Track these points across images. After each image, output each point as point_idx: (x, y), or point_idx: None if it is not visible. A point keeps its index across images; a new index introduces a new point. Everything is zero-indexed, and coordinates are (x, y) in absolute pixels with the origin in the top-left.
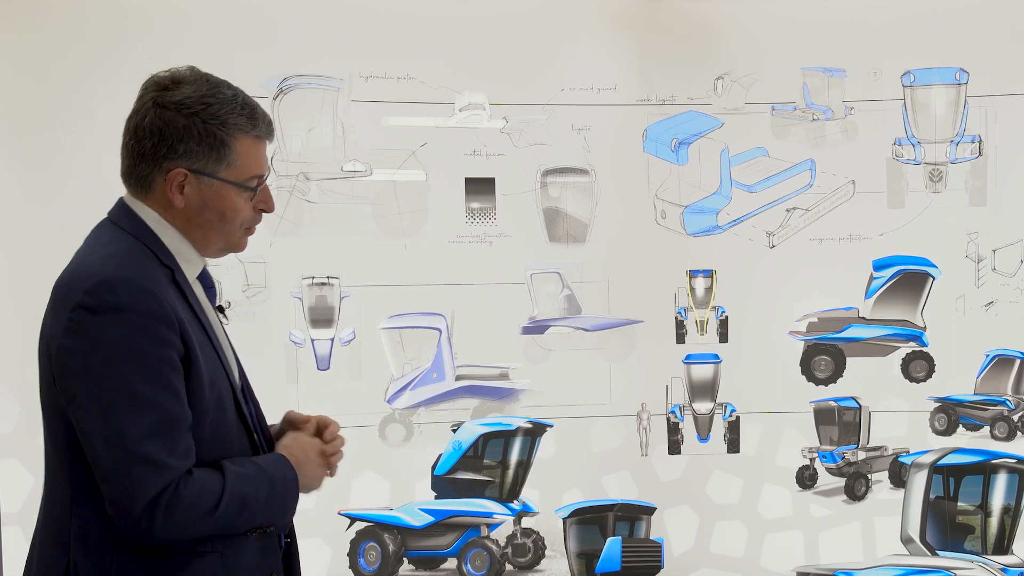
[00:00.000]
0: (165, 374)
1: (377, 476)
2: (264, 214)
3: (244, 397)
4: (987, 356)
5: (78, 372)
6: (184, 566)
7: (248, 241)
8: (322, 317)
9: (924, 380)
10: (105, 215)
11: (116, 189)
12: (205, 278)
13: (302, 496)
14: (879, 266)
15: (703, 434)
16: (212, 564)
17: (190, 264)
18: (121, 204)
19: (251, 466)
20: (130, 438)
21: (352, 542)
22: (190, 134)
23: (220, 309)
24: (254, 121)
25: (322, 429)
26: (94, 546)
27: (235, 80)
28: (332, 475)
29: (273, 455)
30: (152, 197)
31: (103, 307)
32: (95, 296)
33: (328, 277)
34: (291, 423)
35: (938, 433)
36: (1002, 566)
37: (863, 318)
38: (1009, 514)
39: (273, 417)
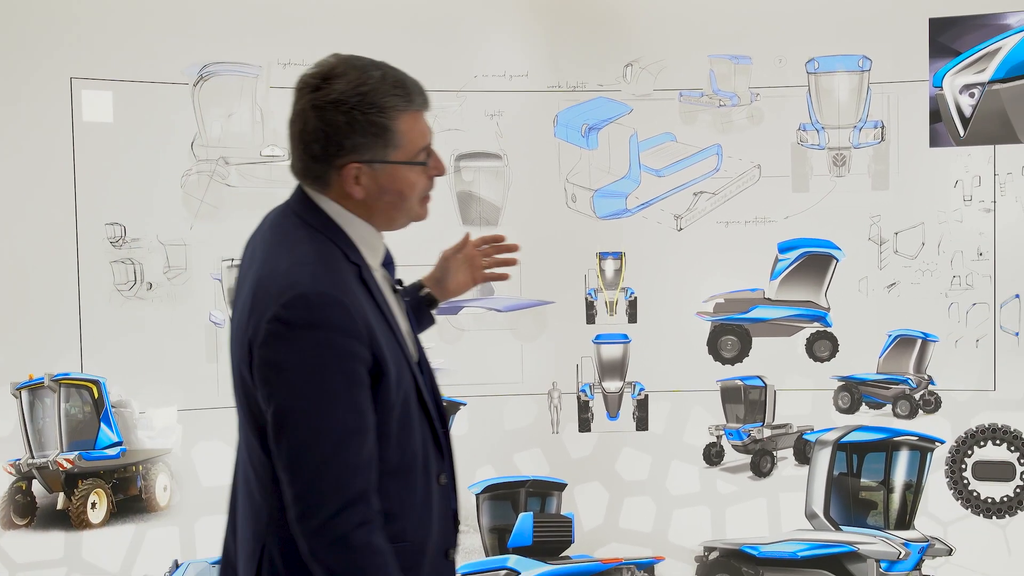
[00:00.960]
0: (353, 391)
1: None
2: (435, 179)
3: (421, 373)
4: (889, 336)
5: (274, 382)
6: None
7: (429, 208)
8: None
9: (828, 359)
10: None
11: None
12: (385, 256)
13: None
14: (784, 248)
15: (612, 412)
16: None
17: (374, 252)
18: (302, 195)
19: None
20: (315, 451)
21: None
22: (353, 129)
23: (399, 282)
24: (408, 97)
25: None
26: (288, 532)
27: (156, 67)
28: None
29: None
30: (331, 191)
31: (299, 323)
32: (292, 311)
33: None
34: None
35: (841, 411)
36: (904, 541)
37: (768, 299)
38: (911, 490)
39: None
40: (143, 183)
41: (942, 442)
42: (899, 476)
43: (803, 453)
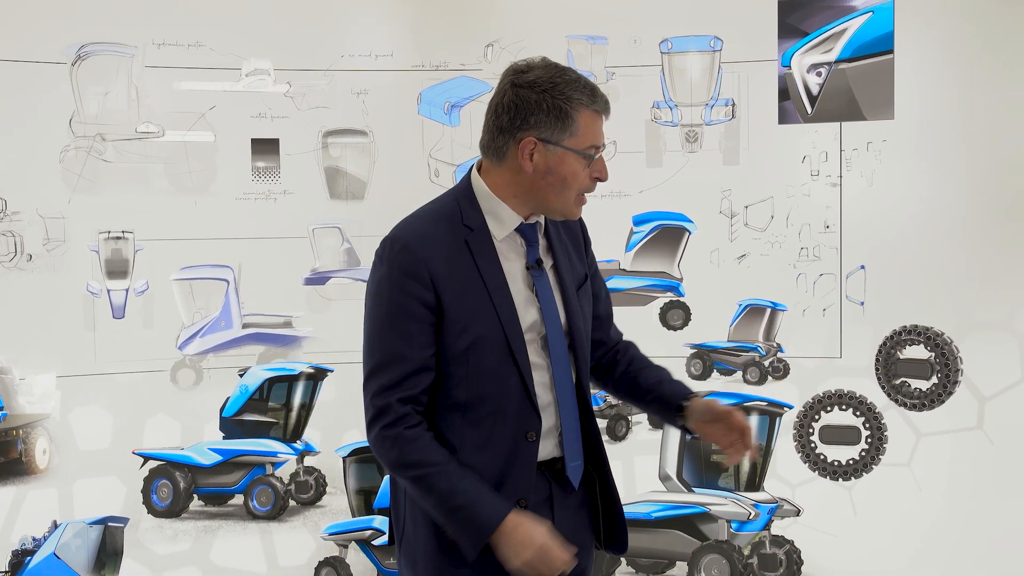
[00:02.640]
0: (401, 320)
1: (168, 418)
2: (597, 182)
3: (555, 339)
4: (740, 306)
5: (365, 302)
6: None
7: (581, 210)
8: (117, 269)
9: (680, 328)
10: None
11: None
12: (530, 234)
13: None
14: (639, 221)
15: None
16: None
17: (500, 223)
18: (470, 169)
19: (469, 486)
20: (368, 367)
21: (145, 480)
22: (540, 108)
23: (538, 263)
24: (594, 98)
25: None
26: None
27: (36, 46)
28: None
29: (499, 503)
30: (504, 164)
31: (378, 258)
32: (380, 249)
33: (123, 231)
34: (709, 408)
35: (694, 378)
36: (754, 502)
37: (624, 270)
38: (760, 453)
39: None
40: (23, 158)
41: (790, 407)
42: None
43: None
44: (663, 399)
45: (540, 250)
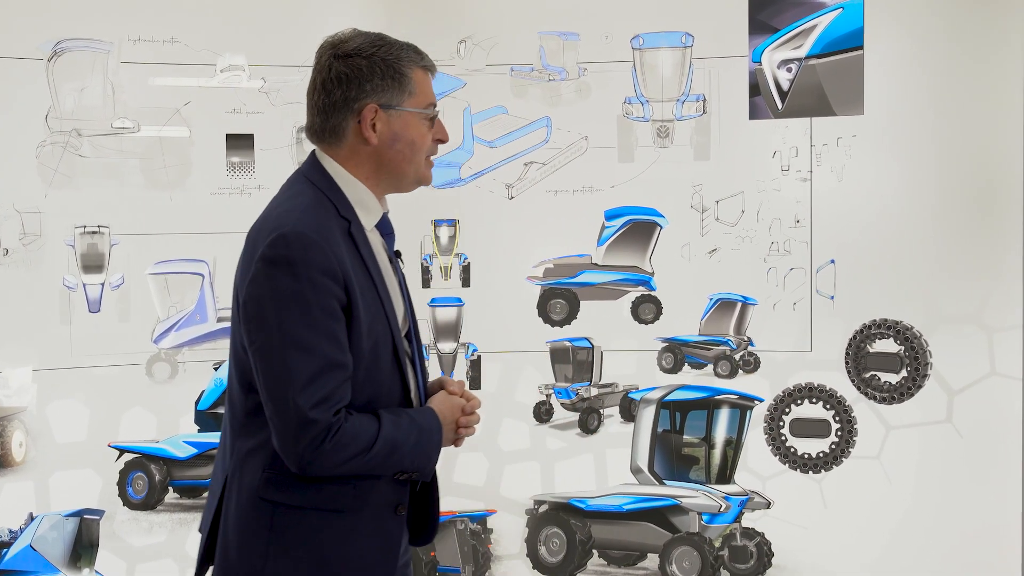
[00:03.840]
0: (328, 322)
1: (144, 411)
2: (439, 144)
3: (411, 341)
4: (711, 299)
5: (255, 317)
6: (319, 490)
7: (433, 174)
8: (93, 263)
9: (652, 322)
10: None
11: None
12: (385, 225)
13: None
14: (610, 216)
15: (447, 372)
16: (345, 491)
17: (369, 213)
18: (312, 158)
19: (404, 416)
20: (294, 381)
21: (121, 472)
22: (373, 72)
23: (397, 254)
24: (420, 55)
25: (468, 400)
26: (248, 466)
27: (12, 42)
28: (457, 445)
29: (425, 408)
30: (344, 145)
31: (278, 259)
32: (273, 249)
33: (99, 226)
34: (442, 385)
35: (665, 371)
36: (725, 494)
37: (595, 264)
38: (731, 446)
39: None
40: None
41: (761, 400)
42: (720, 433)
43: (628, 411)
44: None
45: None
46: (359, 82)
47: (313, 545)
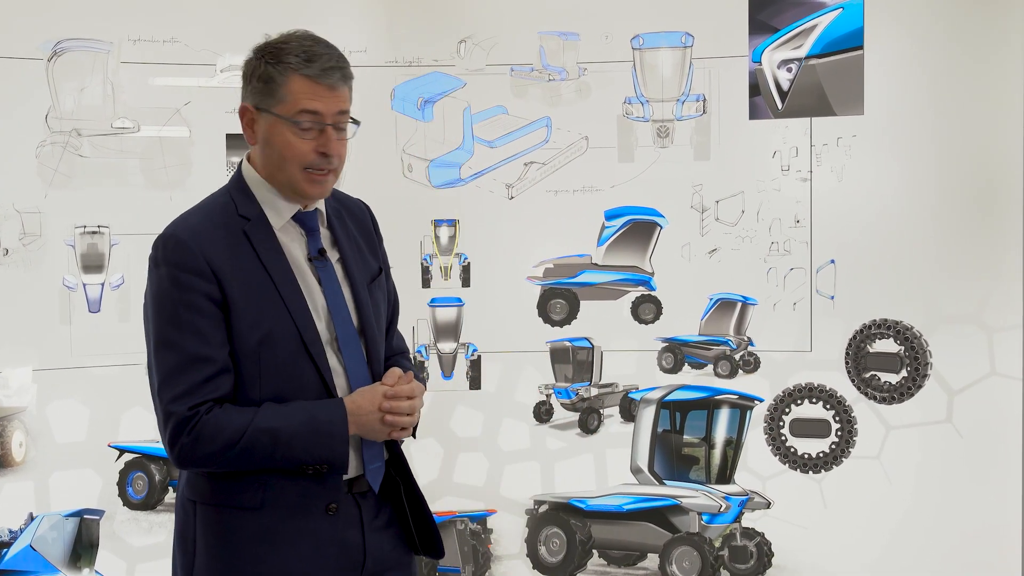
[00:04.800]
0: (189, 318)
1: (144, 411)
2: (324, 157)
3: (346, 336)
4: (711, 299)
5: (144, 315)
6: (228, 486)
7: (321, 188)
8: (93, 263)
9: (652, 322)
10: None
11: None
12: (309, 221)
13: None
14: (610, 216)
15: (447, 372)
16: (253, 487)
17: (276, 212)
18: (242, 159)
19: (295, 406)
20: (158, 377)
21: (121, 472)
22: (254, 74)
23: (321, 252)
24: (309, 62)
25: (391, 385)
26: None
27: (12, 42)
28: (394, 437)
29: (332, 400)
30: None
31: (153, 261)
32: (153, 251)
33: (99, 226)
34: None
35: (665, 371)
36: (725, 494)
37: (595, 264)
38: (731, 446)
39: None
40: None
41: (761, 400)
42: (720, 433)
43: (628, 411)
44: None
45: (324, 241)
46: (245, 80)
47: (234, 543)
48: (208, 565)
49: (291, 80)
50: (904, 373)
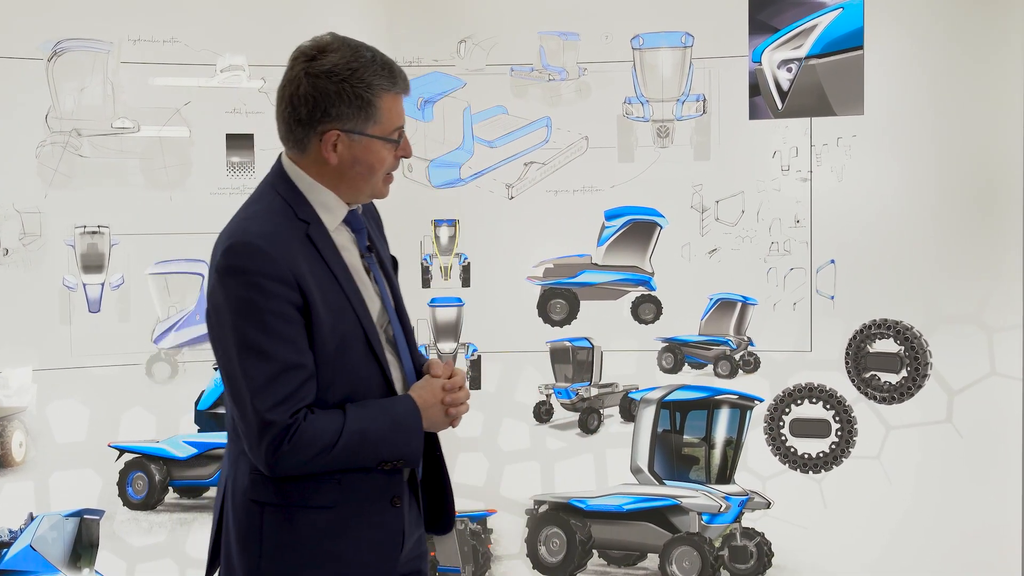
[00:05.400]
0: (279, 326)
1: (144, 411)
2: (402, 158)
3: (397, 331)
4: (710, 299)
5: (215, 327)
6: (303, 488)
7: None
8: (93, 263)
9: (652, 322)
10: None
11: None
12: (355, 221)
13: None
14: (610, 216)
15: None
16: (329, 486)
17: (331, 213)
18: (277, 163)
19: (374, 406)
20: (251, 386)
21: (121, 472)
22: (340, 99)
23: (369, 249)
24: (393, 79)
25: (449, 377)
26: (239, 469)
27: (12, 42)
28: (454, 425)
29: (400, 396)
30: (308, 156)
31: (230, 270)
32: (225, 259)
33: (99, 226)
34: (429, 369)
35: (665, 371)
36: (725, 494)
37: (595, 264)
38: (731, 446)
39: None
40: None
41: (761, 400)
42: (720, 433)
43: (628, 411)
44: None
45: (366, 236)
46: (325, 107)
47: (306, 543)
48: (278, 566)
49: (383, 100)
50: (904, 373)
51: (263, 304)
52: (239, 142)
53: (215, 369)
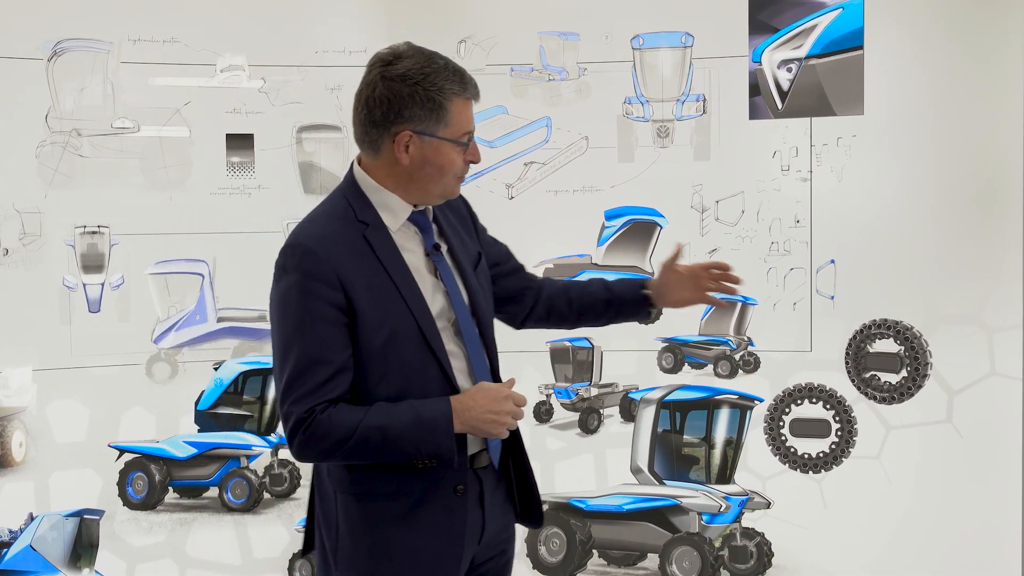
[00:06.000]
0: (311, 324)
1: (144, 411)
2: (472, 164)
3: (464, 323)
4: None
5: (270, 320)
6: (362, 478)
7: (459, 187)
8: (93, 263)
9: (652, 322)
10: None
11: None
12: (423, 221)
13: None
14: (610, 216)
15: None
16: (386, 477)
17: (393, 214)
18: (348, 169)
19: (403, 405)
20: (285, 379)
21: (121, 472)
22: (413, 101)
23: (436, 247)
24: (464, 85)
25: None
26: None
27: (12, 42)
28: (498, 435)
29: (438, 398)
30: (381, 157)
31: (280, 268)
32: (280, 258)
33: (99, 226)
34: (670, 271)
35: (665, 371)
36: (725, 494)
37: (596, 264)
38: (731, 446)
39: None
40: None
41: (761, 400)
42: (720, 433)
43: (628, 411)
44: (624, 298)
45: (434, 235)
46: (398, 108)
47: (375, 529)
48: (353, 550)
49: (454, 104)
50: (904, 373)
51: (302, 303)
52: (239, 142)
53: (215, 369)
